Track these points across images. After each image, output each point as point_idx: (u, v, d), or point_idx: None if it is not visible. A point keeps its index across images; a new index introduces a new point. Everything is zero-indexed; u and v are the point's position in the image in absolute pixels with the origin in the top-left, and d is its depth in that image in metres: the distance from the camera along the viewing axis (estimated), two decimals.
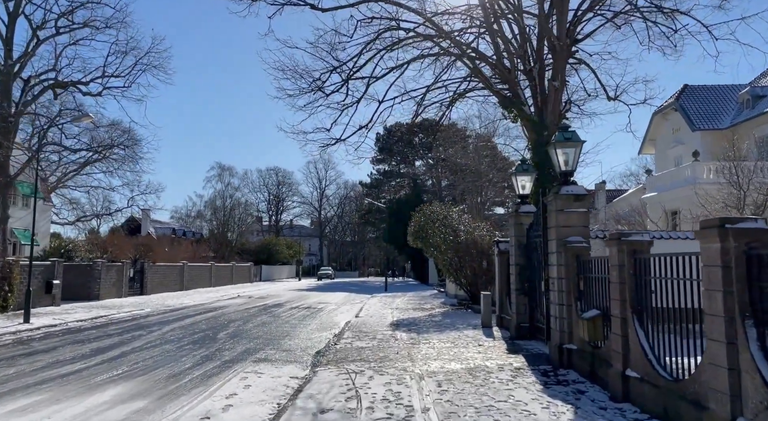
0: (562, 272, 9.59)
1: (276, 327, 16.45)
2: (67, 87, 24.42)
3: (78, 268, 26.82)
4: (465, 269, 22.69)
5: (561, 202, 9.71)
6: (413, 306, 24.17)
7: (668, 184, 27.71)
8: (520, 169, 13.23)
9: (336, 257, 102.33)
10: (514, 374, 9.01)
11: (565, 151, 9.92)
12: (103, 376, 8.98)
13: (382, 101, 17.54)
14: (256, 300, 29.26)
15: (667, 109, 33.10)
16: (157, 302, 26.29)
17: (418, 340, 13.21)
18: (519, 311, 13.02)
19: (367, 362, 10.17)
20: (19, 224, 40.86)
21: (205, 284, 42.59)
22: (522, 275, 12.96)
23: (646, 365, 6.64)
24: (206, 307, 24.43)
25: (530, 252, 12.81)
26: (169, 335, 14.43)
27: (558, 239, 9.69)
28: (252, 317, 19.74)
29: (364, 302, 27.29)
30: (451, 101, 18.48)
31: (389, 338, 13.68)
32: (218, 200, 74.43)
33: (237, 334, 14.73)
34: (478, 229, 22.65)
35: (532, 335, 12.74)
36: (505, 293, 15.42)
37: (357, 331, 15.11)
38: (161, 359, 10.62)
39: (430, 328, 15.75)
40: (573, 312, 9.34)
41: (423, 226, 22.96)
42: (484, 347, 11.98)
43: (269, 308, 24.03)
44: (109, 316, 19.69)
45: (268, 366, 10.06)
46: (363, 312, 21.31)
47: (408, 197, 58.62)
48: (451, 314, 20.08)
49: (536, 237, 12.31)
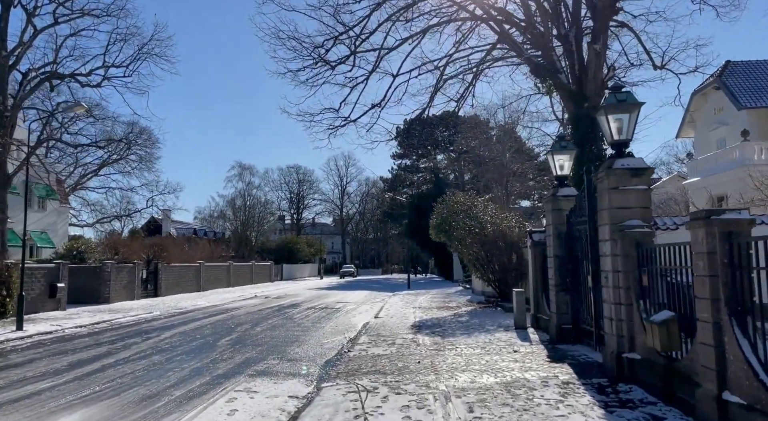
0: (618, 263, 7.80)
1: (286, 331, 14.93)
2: (64, 79, 23.28)
3: (87, 270, 25.77)
4: (492, 263, 20.88)
5: (615, 179, 7.91)
6: (437, 305, 22.47)
7: (713, 167, 25.47)
8: (558, 147, 11.41)
9: (359, 254, 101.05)
10: (564, 392, 7.28)
11: (619, 117, 8.11)
12: (66, 398, 7.53)
13: (396, 75, 15.64)
14: (272, 300, 27.89)
15: (708, 88, 30.61)
16: (169, 305, 25.10)
17: (443, 345, 11.53)
18: (560, 310, 11.23)
19: (382, 375, 8.55)
20: (35, 226, 40.35)
21: (223, 284, 41.51)
22: (562, 269, 11.17)
23: (754, 387, 4.86)
24: (218, 309, 23.11)
25: (572, 242, 11.01)
26: (166, 342, 13.01)
27: (612, 224, 7.90)
28: (263, 319, 18.28)
29: (385, 301, 25.69)
30: (475, 74, 16.50)
31: (410, 343, 12.03)
32: (238, 199, 73.60)
33: (240, 340, 13.23)
34: (506, 220, 20.80)
35: (577, 339, 10.94)
36: (540, 290, 13.62)
37: (375, 334, 13.50)
38: (143, 374, 9.15)
39: (456, 330, 14.05)
40: (634, 313, 7.55)
41: (446, 218, 21.21)
42: (520, 354, 10.24)
43: (284, 308, 22.59)
44: (112, 321, 18.45)
45: (266, 382, 8.50)
46: (383, 312, 19.71)
47: (430, 191, 56.73)
48: (479, 313, 18.34)
49: (579, 224, 10.51)
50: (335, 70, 15.04)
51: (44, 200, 41.42)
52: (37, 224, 40.61)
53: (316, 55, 14.62)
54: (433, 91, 16.38)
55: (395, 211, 74.79)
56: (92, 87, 23.73)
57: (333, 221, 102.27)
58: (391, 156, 78.88)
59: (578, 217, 10.59)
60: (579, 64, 13.97)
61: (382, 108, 15.79)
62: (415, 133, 71.73)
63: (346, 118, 15.46)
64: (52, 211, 42.58)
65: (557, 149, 11.39)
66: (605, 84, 14.09)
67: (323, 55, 14.58)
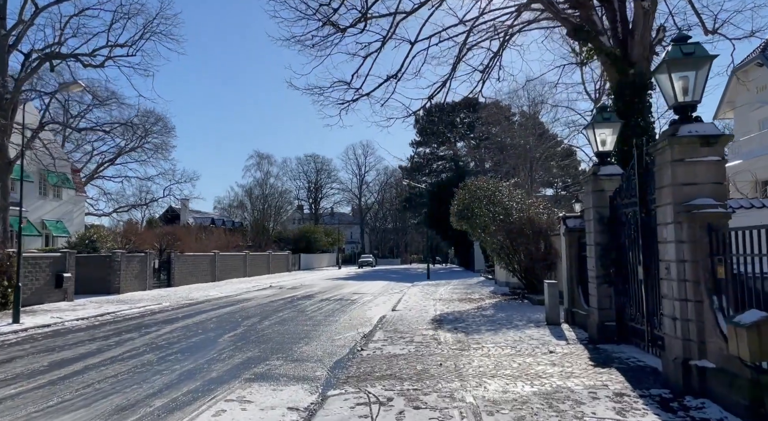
0: (684, 251, 6.43)
1: (295, 326, 13.81)
2: (66, 58, 22.33)
3: (96, 259, 25.03)
4: (518, 252, 19.49)
5: (680, 149, 6.51)
6: (459, 296, 21.19)
7: (756, 149, 23.64)
8: (599, 119, 9.96)
9: (377, 244, 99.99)
10: (619, 407, 5.97)
11: (684, 75, 6.68)
12: (26, 410, 6.46)
13: (414, 42, 14.13)
14: (287, 291, 26.90)
15: (750, 65, 28.49)
16: (181, 295, 24.24)
17: (468, 343, 10.27)
18: (601, 305, 9.86)
19: (398, 381, 7.34)
20: (51, 215, 40.01)
21: (239, 274, 40.73)
22: (605, 259, 9.78)
23: None
24: (230, 300, 22.16)
25: (616, 227, 9.61)
26: (164, 338, 11.98)
27: (676, 204, 6.52)
28: (273, 312, 17.22)
29: (404, 292, 24.49)
30: (503, 40, 14.89)
31: (430, 340, 10.80)
32: (256, 189, 72.83)
33: (245, 336, 12.13)
34: (533, 206, 19.35)
35: (622, 338, 9.58)
36: (576, 282, 12.24)
37: (391, 330, 12.30)
38: (126, 378, 8.07)
39: (481, 325, 12.77)
40: (706, 312, 6.19)
41: (468, 204, 19.84)
42: (557, 356, 8.93)
43: (297, 300, 21.53)
44: (117, 313, 17.57)
45: (264, 388, 7.35)
46: (401, 304, 18.51)
47: (450, 179, 55.18)
48: (505, 306, 17.01)
49: (626, 207, 9.12)
50: (345, 34, 13.59)
51: (60, 189, 40.97)
52: (53, 213, 40.25)
53: (323, 15, 13.19)
54: (456, 60, 14.79)
55: (414, 200, 73.41)
56: (95, 67, 22.76)
57: (351, 210, 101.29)
58: (410, 143, 77.40)
59: (625, 198, 9.18)
60: (623, 25, 12.34)
61: (398, 79, 14.29)
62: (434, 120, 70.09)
63: (357, 89, 14.03)
64: (68, 200, 42.17)
65: (599, 122, 9.95)
66: (653, 48, 12.50)
67: (330, 16, 13.12)
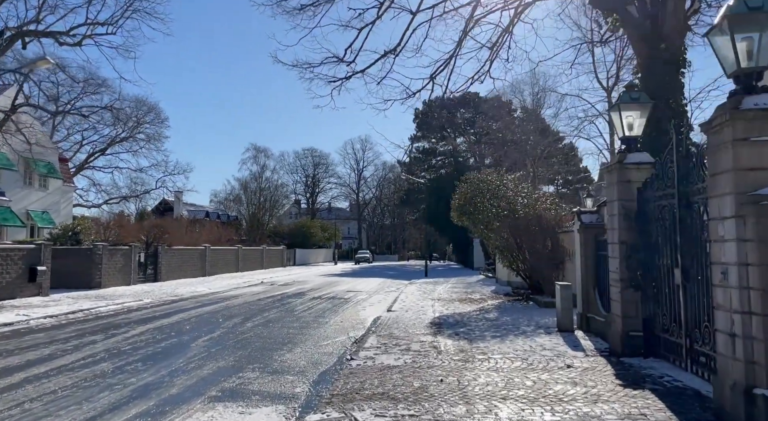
0: (748, 252, 5.17)
1: (280, 328, 12.55)
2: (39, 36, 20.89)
3: (76, 252, 23.71)
4: (523, 250, 18.26)
5: (744, 126, 5.25)
6: (458, 296, 19.96)
7: None
8: (627, 99, 8.67)
9: (375, 240, 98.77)
10: None
11: (748, 36, 5.42)
12: None
13: (416, 12, 12.63)
14: (278, 288, 25.64)
15: None
16: (165, 291, 22.97)
17: (471, 353, 9.03)
18: (626, 312, 8.61)
19: (392, 402, 6.11)
20: (36, 205, 38.59)
21: (231, 269, 39.44)
22: (631, 260, 8.52)
23: None
24: (216, 297, 20.90)
25: (646, 223, 8.36)
26: (130, 342, 10.71)
27: (738, 193, 5.26)
28: (259, 311, 15.97)
29: (401, 291, 23.26)
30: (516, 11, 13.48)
31: (429, 348, 9.56)
32: (253, 183, 71.38)
33: (222, 340, 10.87)
34: (541, 201, 18.10)
35: (650, 350, 8.33)
36: (592, 285, 11.00)
37: (386, 335, 11.06)
38: (67, 394, 6.80)
39: (485, 331, 11.53)
40: None
41: (470, 198, 18.59)
42: (577, 371, 7.69)
43: (287, 298, 20.27)
44: (91, 310, 16.30)
45: (230, 410, 6.10)
46: (397, 304, 17.27)
47: (449, 175, 53.93)
48: (509, 308, 15.79)
49: (659, 199, 7.86)
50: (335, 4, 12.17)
51: (46, 179, 39.54)
52: (39, 204, 38.84)
53: None
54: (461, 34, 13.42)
55: (412, 195, 72.12)
56: (72, 46, 21.32)
57: (349, 206, 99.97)
58: (409, 138, 75.99)
59: (658, 190, 7.92)
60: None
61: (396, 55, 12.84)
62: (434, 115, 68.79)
63: (350, 62, 12.57)
64: (55, 190, 40.74)
65: (626, 102, 8.66)
66: (688, 20, 11.19)
67: None
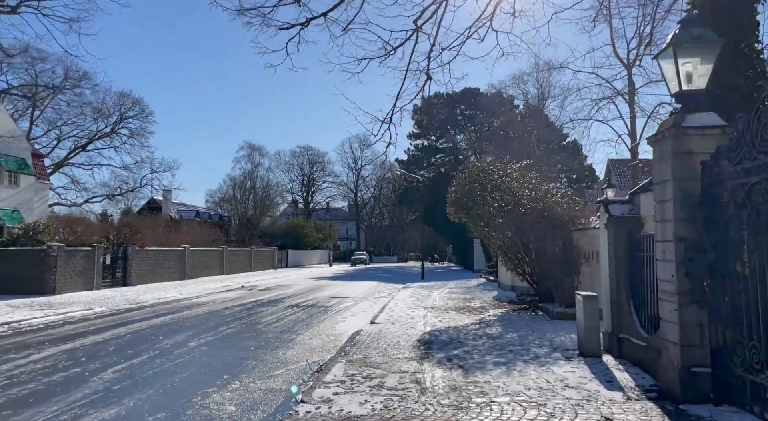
0: None
1: (230, 349, 10.01)
2: None
3: (27, 254, 21.24)
4: (530, 251, 15.73)
5: None
6: (455, 304, 17.42)
7: None
8: (687, 38, 6.11)
9: (373, 241, 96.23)
10: None
11: None
12: None
13: None
14: (256, 293, 23.12)
15: None
16: (128, 297, 20.46)
17: (467, 394, 6.49)
18: (686, 339, 6.05)
19: None
20: (6, 203, 36.03)
21: (214, 271, 36.94)
22: (694, 263, 5.97)
23: None
24: (180, 304, 18.41)
25: (716, 212, 5.82)
26: (18, 372, 8.18)
27: None
28: (217, 325, 13.44)
29: (392, 297, 20.73)
30: None
31: (410, 384, 7.02)
32: (247, 181, 68.66)
33: (138, 371, 8.30)
34: (551, 194, 15.55)
35: (723, 395, 5.79)
36: (625, 296, 8.44)
37: (358, 360, 8.53)
38: None
39: (485, 354, 8.98)
40: None
41: (469, 191, 16.10)
42: None
43: (258, 306, 17.74)
44: (21, 321, 13.86)
45: None
46: (384, 315, 14.75)
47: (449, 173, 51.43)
48: (514, 320, 13.25)
49: (737, 177, 5.32)
50: None
51: (17, 175, 37.06)
52: (8, 202, 36.26)
53: None
54: None
55: (411, 195, 69.58)
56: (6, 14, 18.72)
57: (348, 206, 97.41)
58: (408, 136, 73.36)
59: (737, 164, 5.38)
60: None
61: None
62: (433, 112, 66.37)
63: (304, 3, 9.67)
64: (27, 187, 38.18)
65: (685, 42, 6.10)
66: None
67: None
